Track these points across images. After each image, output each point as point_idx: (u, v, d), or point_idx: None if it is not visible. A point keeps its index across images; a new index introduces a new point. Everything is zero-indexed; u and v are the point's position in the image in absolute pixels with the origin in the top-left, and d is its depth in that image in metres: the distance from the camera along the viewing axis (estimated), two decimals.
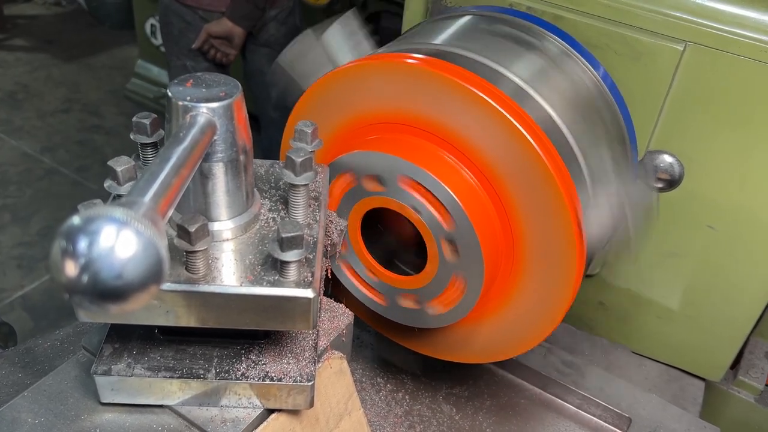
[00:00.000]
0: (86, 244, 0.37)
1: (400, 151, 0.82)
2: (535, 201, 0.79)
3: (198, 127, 0.56)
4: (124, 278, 0.37)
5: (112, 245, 0.37)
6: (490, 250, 0.82)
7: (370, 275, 0.93)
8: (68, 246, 0.37)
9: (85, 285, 0.37)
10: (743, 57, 0.94)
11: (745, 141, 0.99)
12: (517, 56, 0.94)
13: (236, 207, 0.67)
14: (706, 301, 1.15)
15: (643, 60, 1.00)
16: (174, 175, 0.47)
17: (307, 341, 0.73)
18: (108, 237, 0.37)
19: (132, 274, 0.37)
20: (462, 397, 1.14)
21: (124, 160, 0.65)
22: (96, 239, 0.37)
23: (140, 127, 0.71)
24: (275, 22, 2.74)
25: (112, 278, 0.37)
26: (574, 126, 0.89)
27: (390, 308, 0.94)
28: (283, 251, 0.60)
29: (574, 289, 0.83)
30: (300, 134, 0.70)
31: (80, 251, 0.36)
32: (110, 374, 0.69)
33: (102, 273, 0.37)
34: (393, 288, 0.92)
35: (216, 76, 0.64)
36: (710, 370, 1.22)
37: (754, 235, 1.05)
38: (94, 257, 0.37)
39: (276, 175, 0.77)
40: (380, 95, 0.85)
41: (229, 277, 0.63)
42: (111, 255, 0.37)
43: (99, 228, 0.37)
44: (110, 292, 0.38)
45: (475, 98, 0.78)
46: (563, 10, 1.04)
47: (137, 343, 0.72)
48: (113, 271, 0.37)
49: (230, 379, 0.69)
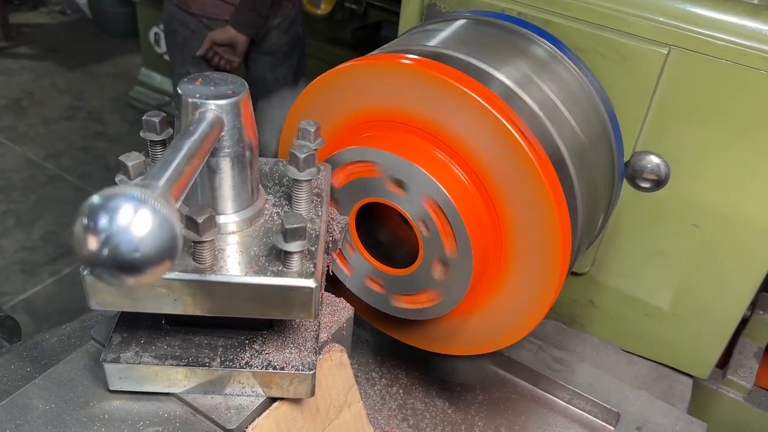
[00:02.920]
0: (107, 220, 0.40)
1: (392, 147, 0.84)
2: (522, 198, 0.82)
3: (207, 122, 0.60)
4: (141, 252, 0.40)
5: (131, 221, 0.40)
6: (480, 244, 0.84)
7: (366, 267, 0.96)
8: (90, 222, 0.40)
9: (105, 258, 0.40)
10: (724, 60, 0.97)
11: (728, 141, 1.02)
12: (507, 58, 0.97)
13: (242, 201, 0.70)
14: (693, 299, 1.17)
15: (629, 63, 1.03)
16: (186, 164, 0.51)
17: (309, 332, 0.76)
18: (126, 213, 0.40)
19: (149, 248, 0.41)
20: (455, 391, 1.16)
21: (135, 155, 0.68)
22: (115, 215, 0.40)
23: (150, 125, 0.75)
24: (278, 30, 2.79)
25: (130, 252, 0.40)
26: (562, 127, 0.92)
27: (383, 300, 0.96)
28: (286, 242, 0.63)
29: (559, 281, 0.85)
30: (303, 132, 0.74)
31: (101, 227, 0.40)
32: (119, 362, 0.72)
33: (121, 247, 0.40)
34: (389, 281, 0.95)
35: (223, 75, 0.68)
36: (697, 367, 1.24)
37: (737, 233, 1.07)
38: (114, 232, 0.40)
39: (280, 173, 0.81)
40: (375, 94, 0.88)
41: (234, 267, 0.66)
42: (129, 230, 0.40)
43: (118, 205, 0.40)
44: (128, 264, 0.41)
45: (466, 97, 0.80)
46: (552, 15, 1.07)
47: (145, 332, 0.75)
48: (131, 245, 0.40)
49: (234, 367, 0.72)
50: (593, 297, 1.28)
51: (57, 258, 3.45)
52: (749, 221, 1.06)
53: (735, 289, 1.13)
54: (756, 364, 1.33)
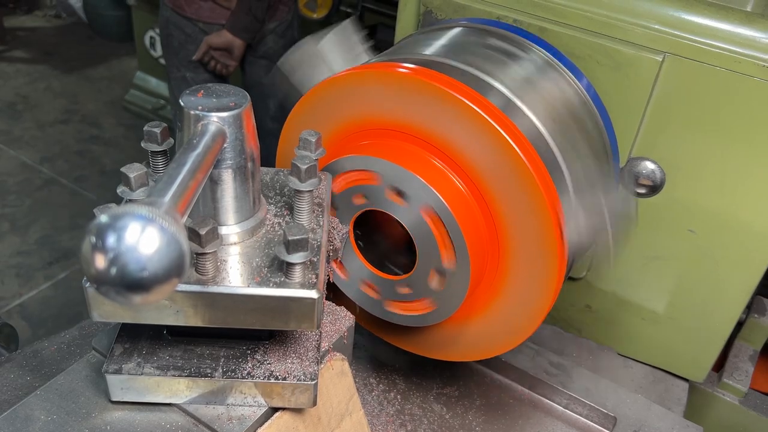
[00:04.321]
0: (114, 239, 0.40)
1: (390, 155, 0.84)
2: (519, 206, 0.83)
3: (209, 135, 0.60)
4: (149, 271, 0.41)
5: (139, 240, 0.40)
6: (477, 252, 0.85)
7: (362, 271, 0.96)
8: (98, 241, 0.40)
9: (113, 277, 0.40)
10: (718, 67, 0.98)
11: (722, 147, 1.03)
12: (504, 67, 0.97)
13: (243, 212, 0.71)
14: (689, 303, 1.18)
15: (624, 70, 1.03)
16: (190, 178, 0.51)
17: (311, 342, 0.76)
18: (134, 232, 0.40)
19: (156, 267, 0.41)
20: (452, 396, 1.16)
21: (137, 166, 0.69)
22: (123, 235, 0.40)
23: (151, 136, 0.75)
24: (274, 34, 2.79)
25: (138, 271, 0.41)
26: (558, 134, 0.92)
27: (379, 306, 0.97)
28: (289, 253, 0.64)
29: (555, 289, 0.86)
30: (304, 143, 0.74)
31: (109, 246, 0.40)
32: (121, 373, 0.72)
33: (129, 266, 0.41)
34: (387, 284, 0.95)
35: (225, 86, 0.68)
36: (693, 370, 1.25)
37: (732, 237, 1.08)
38: (122, 251, 0.40)
39: (281, 182, 0.81)
40: (372, 103, 0.88)
41: (236, 278, 0.67)
42: (137, 249, 0.40)
43: (126, 224, 0.40)
44: (136, 283, 0.41)
45: (463, 106, 0.81)
46: (548, 23, 1.07)
47: (147, 343, 0.75)
48: (139, 264, 0.41)
49: (236, 377, 0.72)
50: (589, 301, 1.28)
51: (52, 262, 3.44)
52: (744, 225, 1.07)
53: (730, 293, 1.13)
54: (751, 368, 1.33)
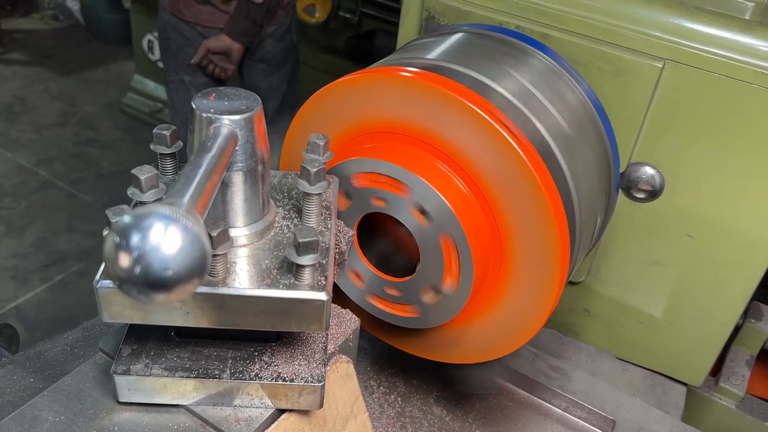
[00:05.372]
0: (139, 239, 0.41)
1: (394, 158, 0.85)
2: (522, 208, 0.83)
3: (222, 137, 0.61)
4: (172, 270, 0.41)
5: (163, 240, 0.41)
6: (480, 254, 0.85)
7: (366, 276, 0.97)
8: (122, 241, 0.41)
9: (137, 276, 0.41)
10: (718, 74, 0.99)
11: (721, 153, 1.04)
12: (506, 71, 0.98)
13: (253, 214, 0.71)
14: (687, 308, 1.19)
15: (625, 76, 1.04)
16: (207, 180, 0.52)
17: (318, 344, 0.77)
18: (158, 232, 0.41)
19: (180, 266, 0.41)
20: (452, 399, 1.17)
21: (147, 168, 0.69)
22: (147, 234, 0.41)
23: (160, 138, 0.75)
24: (272, 38, 2.80)
25: (162, 270, 0.41)
26: (561, 138, 0.93)
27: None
28: (299, 255, 0.64)
29: (557, 293, 0.86)
30: (313, 146, 0.75)
31: (133, 245, 0.40)
32: (129, 374, 0.72)
33: (153, 265, 0.41)
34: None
35: (237, 90, 0.69)
36: (691, 375, 1.26)
37: (730, 242, 1.09)
38: (147, 250, 0.41)
39: (289, 185, 0.82)
40: (376, 106, 0.89)
41: (246, 280, 0.67)
42: (161, 249, 0.41)
43: (150, 224, 0.41)
44: (159, 282, 0.41)
45: (466, 110, 0.81)
46: (550, 29, 1.08)
47: (154, 344, 0.76)
48: (163, 264, 0.41)
49: (244, 379, 0.72)
50: (588, 306, 1.29)
51: (48, 265, 3.43)
52: (742, 231, 1.08)
53: (728, 298, 1.14)
54: (748, 372, 1.34)
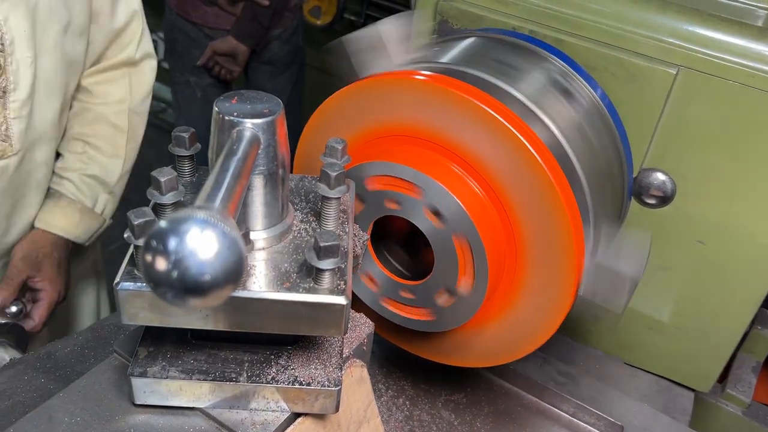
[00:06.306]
0: (176, 243, 0.40)
1: (407, 160, 0.85)
2: (536, 210, 0.83)
3: (246, 140, 0.61)
4: (209, 275, 0.41)
5: (200, 244, 0.40)
6: (495, 256, 0.85)
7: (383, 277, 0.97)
8: (159, 245, 0.40)
9: (173, 280, 0.40)
10: (731, 81, 0.99)
11: (733, 160, 1.04)
12: (521, 75, 0.99)
13: (272, 217, 0.71)
14: (696, 314, 1.19)
15: (639, 82, 1.05)
16: (235, 183, 0.51)
17: (334, 348, 0.76)
18: (196, 236, 0.40)
19: (216, 271, 0.41)
20: (461, 403, 1.17)
21: (167, 170, 0.69)
22: (185, 239, 0.40)
23: (179, 141, 0.75)
24: (279, 41, 2.80)
25: (199, 275, 0.41)
26: (574, 141, 0.94)
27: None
28: (320, 259, 0.64)
29: (573, 294, 0.87)
30: (331, 150, 0.75)
31: (171, 249, 0.40)
32: (146, 376, 0.72)
33: (190, 270, 0.41)
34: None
35: (258, 93, 0.68)
36: (699, 381, 1.26)
37: (741, 249, 1.10)
38: (185, 255, 0.40)
39: (306, 189, 0.81)
40: (389, 109, 0.89)
41: (266, 283, 0.67)
42: (199, 253, 0.40)
43: (188, 228, 0.40)
44: (195, 287, 0.41)
45: (480, 112, 0.82)
46: (564, 34, 1.08)
47: (171, 347, 0.75)
48: (200, 269, 0.41)
49: (261, 382, 0.72)
50: (597, 311, 1.29)
51: None
52: (754, 238, 1.08)
53: (738, 305, 1.15)
54: (754, 379, 1.35)
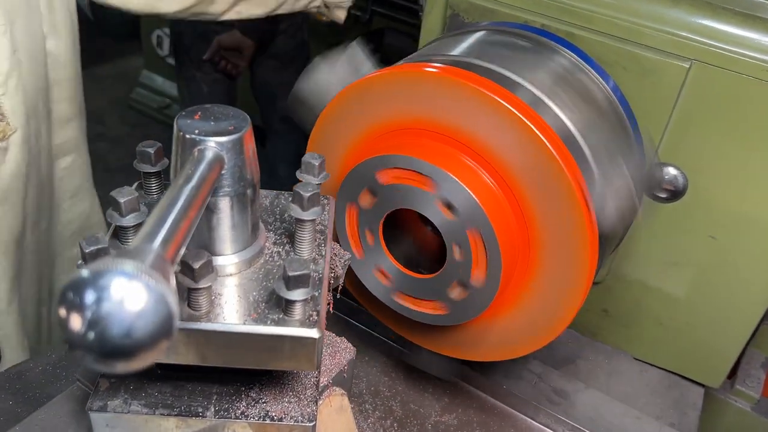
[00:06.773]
0: (94, 299, 0.35)
1: (419, 153, 0.83)
2: (550, 201, 0.81)
3: (206, 162, 0.55)
4: (133, 336, 0.36)
5: (121, 301, 0.35)
6: (508, 248, 0.83)
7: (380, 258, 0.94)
8: (75, 299, 0.35)
9: (91, 342, 0.35)
10: (745, 75, 0.96)
11: (746, 155, 1.01)
12: (533, 67, 0.97)
13: (241, 241, 0.66)
14: (707, 309, 1.17)
15: (651, 76, 1.02)
16: (182, 218, 0.45)
17: (309, 379, 0.72)
18: (117, 292, 0.35)
19: (142, 331, 0.36)
20: (451, 425, 1.11)
21: (128, 190, 0.64)
22: (105, 294, 0.35)
23: (144, 156, 0.70)
24: (284, 35, 2.76)
25: (121, 336, 0.36)
26: (587, 132, 0.92)
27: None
28: (289, 290, 0.59)
29: (586, 288, 0.84)
30: (307, 167, 0.69)
31: (87, 306, 0.35)
32: (106, 410, 0.67)
33: (110, 331, 0.35)
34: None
35: (225, 108, 0.63)
36: (709, 376, 1.23)
37: (753, 245, 1.07)
38: (103, 314, 0.35)
39: (281, 207, 0.76)
40: (401, 103, 0.88)
41: (232, 314, 0.62)
42: (120, 311, 0.35)
43: (108, 282, 0.35)
44: (118, 350, 0.36)
45: (493, 103, 0.80)
46: (576, 28, 1.06)
47: (134, 378, 0.71)
48: (122, 329, 0.36)
49: (229, 417, 0.68)
50: (607, 306, 1.26)
51: None
52: (765, 233, 1.05)
53: (749, 301, 1.12)
54: (763, 375, 1.33)
